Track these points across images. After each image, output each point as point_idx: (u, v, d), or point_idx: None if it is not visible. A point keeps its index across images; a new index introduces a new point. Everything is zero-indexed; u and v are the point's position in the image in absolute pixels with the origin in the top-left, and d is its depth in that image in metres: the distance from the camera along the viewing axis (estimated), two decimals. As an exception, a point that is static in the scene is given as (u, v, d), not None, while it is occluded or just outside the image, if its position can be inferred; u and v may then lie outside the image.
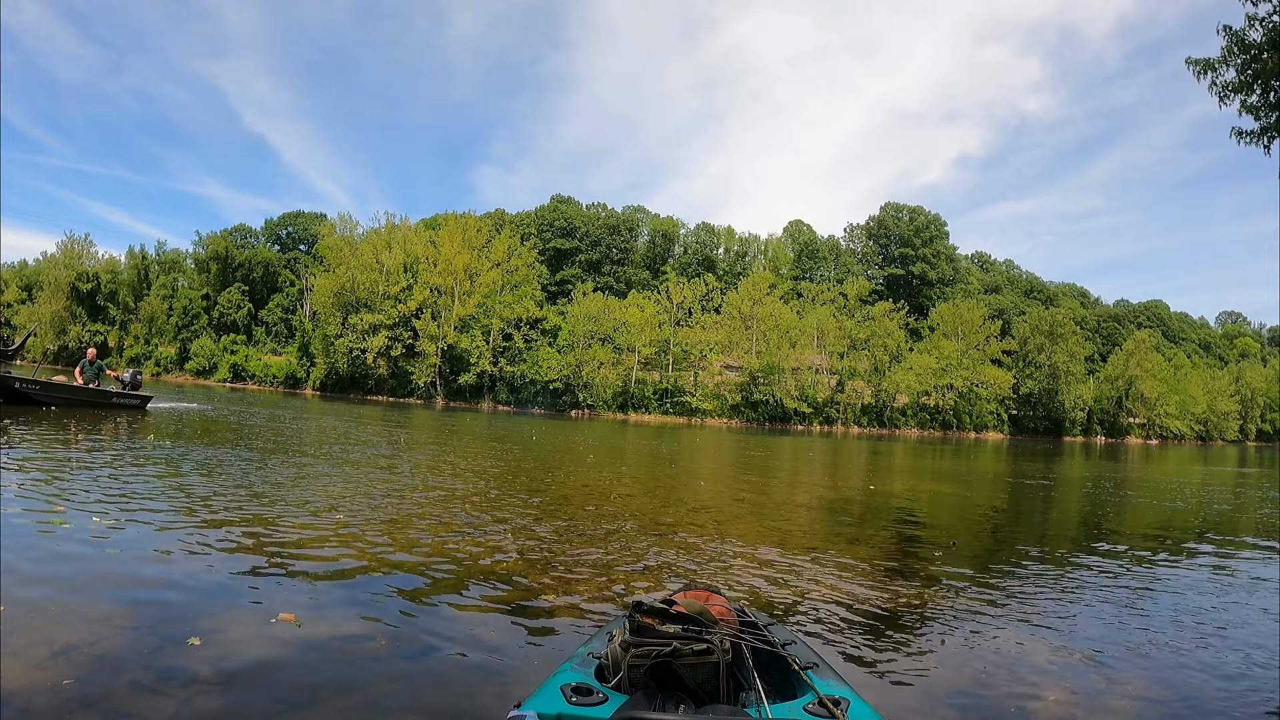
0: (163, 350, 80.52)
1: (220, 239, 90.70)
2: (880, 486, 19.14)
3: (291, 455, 15.52)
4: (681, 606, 3.15)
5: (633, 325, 70.42)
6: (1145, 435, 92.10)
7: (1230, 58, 12.66)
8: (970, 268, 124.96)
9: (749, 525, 11.17)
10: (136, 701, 3.87)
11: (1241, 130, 12.83)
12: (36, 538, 6.91)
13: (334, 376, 67.03)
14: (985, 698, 4.83)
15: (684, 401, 69.52)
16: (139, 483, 10.38)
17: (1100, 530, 13.47)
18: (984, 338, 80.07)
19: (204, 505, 9.15)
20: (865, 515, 13.62)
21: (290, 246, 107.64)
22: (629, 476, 17.53)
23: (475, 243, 70.12)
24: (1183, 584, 8.65)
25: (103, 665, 4.26)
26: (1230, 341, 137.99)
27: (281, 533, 7.98)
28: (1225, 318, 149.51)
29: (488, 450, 20.86)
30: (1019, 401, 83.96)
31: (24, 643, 4.47)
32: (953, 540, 10.78)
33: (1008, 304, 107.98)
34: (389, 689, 4.27)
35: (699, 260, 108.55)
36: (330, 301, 68.05)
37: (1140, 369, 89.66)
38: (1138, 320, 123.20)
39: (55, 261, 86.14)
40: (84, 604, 5.27)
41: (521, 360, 67.51)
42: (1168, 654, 5.95)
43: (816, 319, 77.57)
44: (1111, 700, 4.94)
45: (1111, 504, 18.26)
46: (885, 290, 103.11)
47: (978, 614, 6.76)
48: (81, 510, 8.19)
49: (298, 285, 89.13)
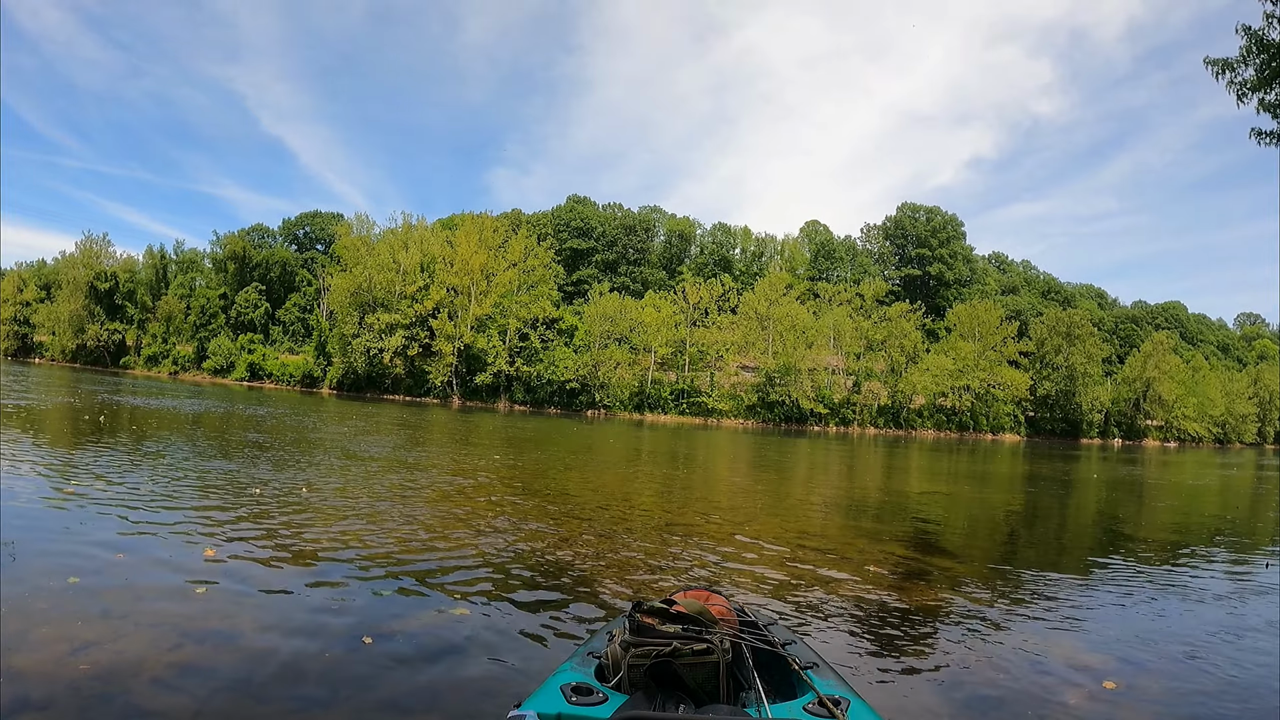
0: (180, 349, 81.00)
1: (238, 239, 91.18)
2: (896, 488, 19.07)
3: (304, 454, 15.63)
4: (681, 606, 3.17)
5: (649, 325, 70.23)
6: (1163, 438, 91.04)
7: (1249, 57, 12.56)
8: (987, 268, 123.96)
9: (764, 525, 11.17)
10: (154, 697, 3.94)
11: (1261, 130, 12.72)
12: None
13: (351, 376, 67.19)
14: (1001, 701, 4.83)
15: (700, 402, 69.32)
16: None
17: (1116, 533, 13.38)
18: (1001, 339, 79.34)
19: (214, 504, 9.26)
20: (880, 516, 13.58)
21: (307, 246, 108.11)
22: (644, 476, 17.54)
23: (492, 243, 70.12)
24: (1199, 588, 8.59)
25: (122, 660, 4.34)
26: (1249, 343, 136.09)
27: (296, 532, 8.06)
28: (1244, 319, 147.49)
29: (503, 451, 20.92)
30: (1036, 403, 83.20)
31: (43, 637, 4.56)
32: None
33: (1025, 305, 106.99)
34: (400, 688, 4.32)
35: (715, 261, 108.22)
36: (347, 301, 68.21)
37: (1158, 371, 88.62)
38: (1155, 322, 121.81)
39: (74, 261, 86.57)
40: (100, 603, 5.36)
41: (538, 360, 67.44)
42: (1184, 658, 5.92)
43: (833, 320, 77.14)
44: (1129, 704, 4.93)
45: (1128, 507, 18.12)
46: (902, 291, 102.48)
47: (991, 615, 6.74)
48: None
49: (315, 285, 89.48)
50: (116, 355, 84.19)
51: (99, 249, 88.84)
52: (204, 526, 7.96)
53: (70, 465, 11.54)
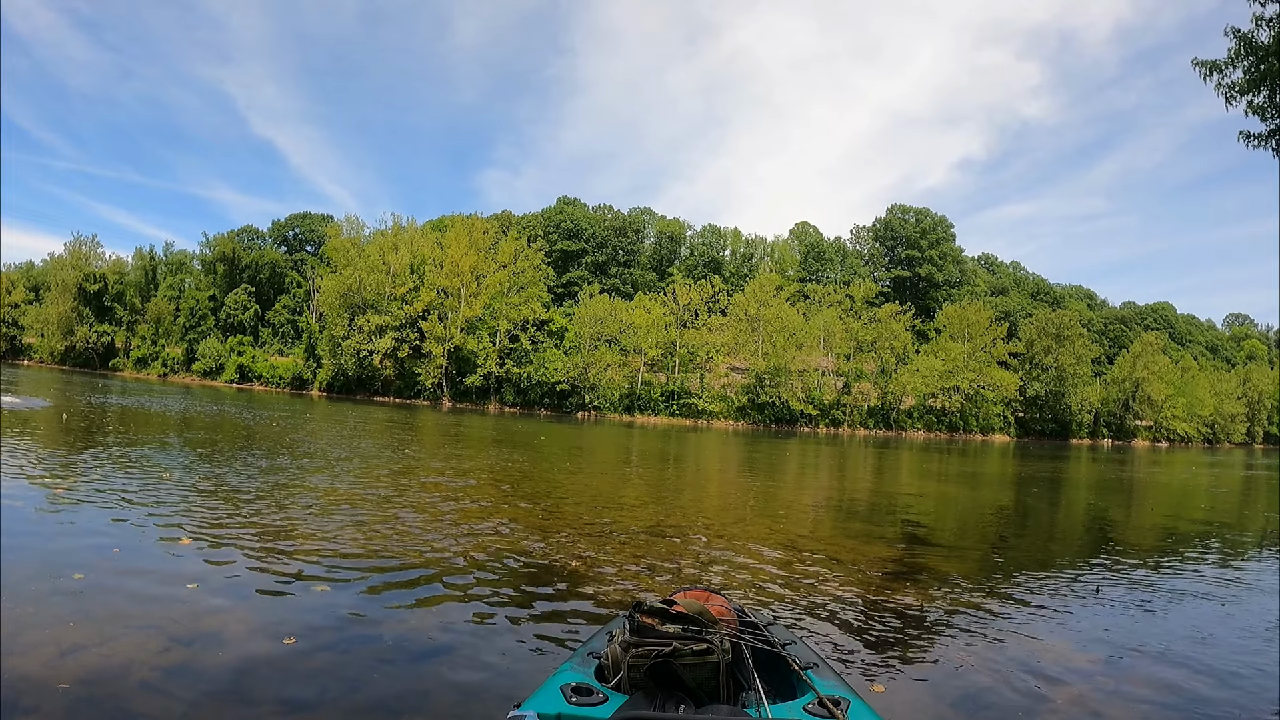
0: (169, 351, 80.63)
1: (227, 240, 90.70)
2: (887, 488, 19.11)
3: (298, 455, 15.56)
4: (681, 606, 3.15)
5: (639, 327, 70.24)
6: (1152, 438, 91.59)
7: (1238, 59, 12.63)
8: (977, 269, 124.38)
9: (756, 527, 11.16)
10: (143, 700, 3.90)
11: (1249, 133, 12.78)
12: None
13: (341, 378, 67.00)
14: (994, 700, 4.82)
15: (690, 403, 69.35)
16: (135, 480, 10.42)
17: (1107, 532, 13.43)
18: (991, 340, 79.69)
19: (204, 507, 9.19)
20: (872, 517, 13.60)
21: (297, 248, 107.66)
22: (636, 478, 17.53)
23: (482, 244, 70.02)
24: (1190, 586, 8.62)
25: (110, 664, 4.29)
26: (1238, 344, 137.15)
27: (285, 534, 8.01)
28: (1233, 319, 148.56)
29: (494, 452, 20.87)
30: (1026, 404, 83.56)
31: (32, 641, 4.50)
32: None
33: (1014, 306, 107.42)
34: (392, 689, 4.28)
35: (705, 262, 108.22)
36: (337, 303, 68.00)
37: (1147, 371, 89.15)
38: (1145, 322, 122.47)
39: (62, 262, 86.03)
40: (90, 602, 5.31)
41: (528, 362, 67.39)
42: (1175, 657, 5.93)
43: (823, 321, 77.23)
44: (1120, 702, 4.93)
45: (1118, 506, 18.20)
46: (892, 292, 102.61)
47: (985, 615, 6.74)
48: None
49: (304, 286, 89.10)
50: (105, 357, 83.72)
51: (88, 250, 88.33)
52: (192, 528, 7.89)
53: (57, 468, 11.44)
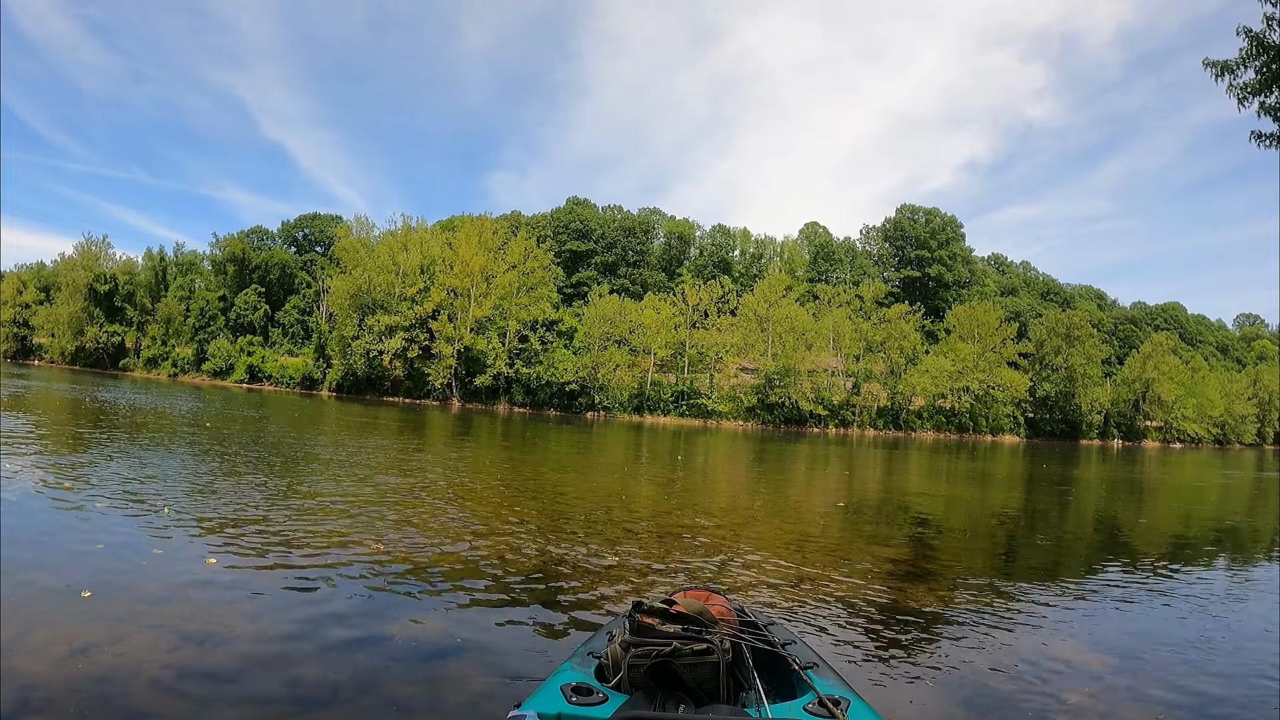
0: (179, 351, 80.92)
1: (237, 241, 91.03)
2: (896, 489, 19.06)
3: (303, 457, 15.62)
4: (681, 606, 3.16)
5: (648, 327, 70.15)
6: (1162, 439, 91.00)
7: (1249, 59, 12.56)
8: (986, 270, 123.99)
9: (764, 526, 11.17)
10: (154, 699, 3.94)
11: (1260, 133, 12.71)
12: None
13: (350, 378, 67.18)
14: (1000, 701, 4.82)
15: (700, 404, 69.24)
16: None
17: (1117, 534, 13.38)
18: (1000, 340, 79.26)
19: (214, 507, 9.25)
20: (880, 517, 13.57)
21: (306, 248, 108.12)
22: (645, 478, 17.53)
23: (491, 245, 70.01)
24: (1200, 588, 8.59)
25: (121, 663, 4.33)
26: (1248, 344, 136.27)
27: (296, 534, 8.05)
28: (1243, 320, 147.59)
29: (503, 453, 20.90)
30: (1035, 404, 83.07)
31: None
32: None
33: (1024, 306, 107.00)
34: (398, 688, 4.32)
35: (715, 262, 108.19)
36: (346, 303, 68.19)
37: (1157, 372, 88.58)
38: (1155, 323, 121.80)
39: (73, 263, 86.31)
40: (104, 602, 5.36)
41: (537, 362, 67.34)
42: (1184, 659, 5.92)
43: (832, 321, 77.04)
44: (1132, 704, 4.92)
45: (1128, 508, 18.11)
46: (901, 292, 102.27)
47: (994, 616, 6.74)
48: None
49: (314, 287, 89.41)
50: (116, 357, 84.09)
51: (98, 251, 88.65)
52: (202, 529, 7.95)
53: (67, 467, 11.52)
